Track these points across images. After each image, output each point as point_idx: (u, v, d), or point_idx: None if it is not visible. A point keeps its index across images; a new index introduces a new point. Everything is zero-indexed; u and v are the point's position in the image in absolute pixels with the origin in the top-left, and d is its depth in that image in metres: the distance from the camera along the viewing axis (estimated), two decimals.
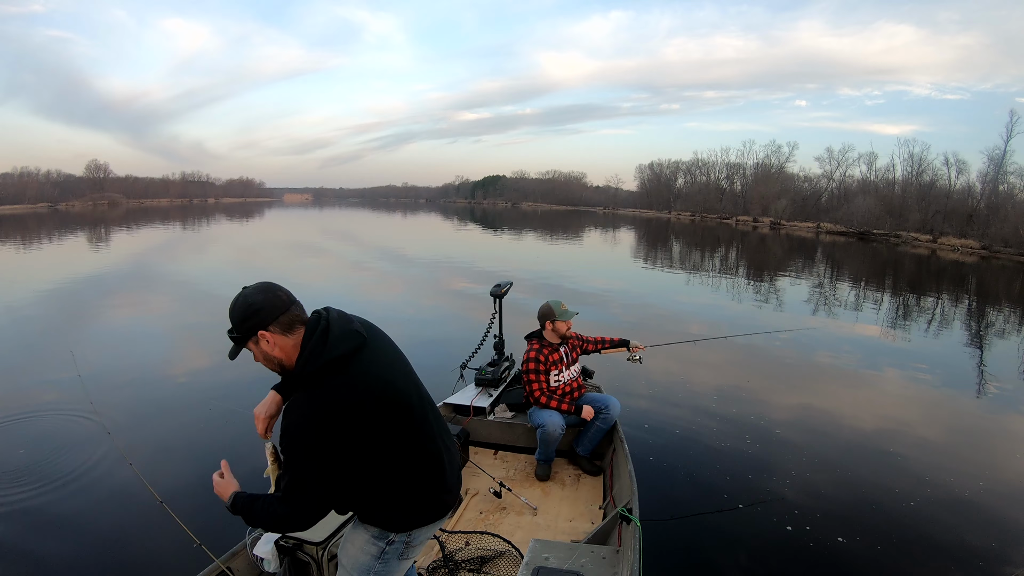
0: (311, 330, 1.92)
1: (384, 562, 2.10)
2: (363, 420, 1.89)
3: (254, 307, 1.90)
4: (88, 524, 4.47)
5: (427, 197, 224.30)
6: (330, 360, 1.88)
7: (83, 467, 5.31)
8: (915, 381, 9.25)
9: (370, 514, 2.09)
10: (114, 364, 8.65)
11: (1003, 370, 10.47)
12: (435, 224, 54.46)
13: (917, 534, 4.53)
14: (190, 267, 20.75)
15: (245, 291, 1.96)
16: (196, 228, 45.08)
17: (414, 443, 2.05)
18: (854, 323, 14.25)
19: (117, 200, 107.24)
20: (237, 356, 2.00)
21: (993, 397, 8.77)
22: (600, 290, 16.93)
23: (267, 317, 1.90)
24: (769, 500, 4.96)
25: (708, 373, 8.68)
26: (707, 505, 4.87)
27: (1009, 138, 56.82)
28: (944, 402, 8.38)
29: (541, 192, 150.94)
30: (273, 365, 1.98)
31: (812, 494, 5.09)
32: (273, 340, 1.91)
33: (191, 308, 13.22)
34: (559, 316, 4.66)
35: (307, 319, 1.97)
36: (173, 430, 6.19)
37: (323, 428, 1.83)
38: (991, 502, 5.13)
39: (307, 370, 1.88)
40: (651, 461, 5.56)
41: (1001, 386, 9.37)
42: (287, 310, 1.93)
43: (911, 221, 58.07)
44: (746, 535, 4.46)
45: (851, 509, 4.87)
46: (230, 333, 1.95)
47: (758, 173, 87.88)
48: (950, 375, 9.85)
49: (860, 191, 70.04)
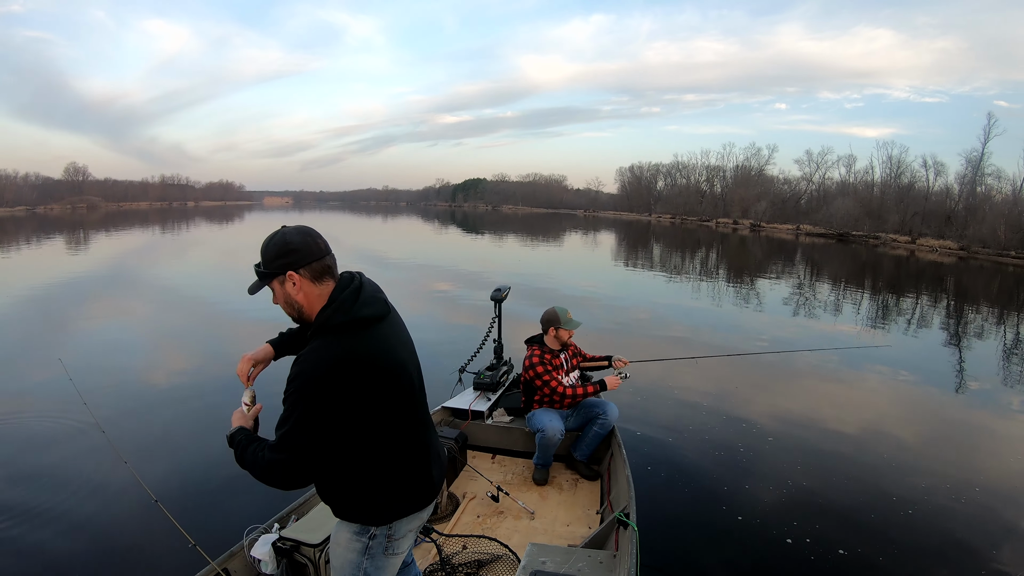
0: (344, 285, 1.95)
1: (370, 558, 2.06)
2: (371, 384, 1.88)
3: (291, 246, 1.89)
4: (83, 522, 4.47)
5: (408, 200, 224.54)
6: (357, 318, 1.89)
7: (77, 466, 5.34)
8: (913, 385, 9.24)
9: (350, 503, 2.04)
10: (104, 365, 8.63)
11: (987, 371, 10.44)
12: (416, 227, 54.20)
13: (917, 539, 4.52)
14: (170, 271, 20.44)
15: (284, 229, 1.94)
16: (176, 232, 44.32)
17: (409, 424, 2.05)
18: (839, 324, 14.23)
19: (96, 203, 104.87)
20: (257, 292, 1.97)
21: (985, 398, 8.74)
22: (581, 292, 16.80)
23: (301, 259, 1.89)
24: (765, 506, 4.93)
25: (704, 380, 8.62)
26: (704, 510, 4.85)
27: (987, 140, 57.95)
28: (935, 403, 8.40)
29: (522, 195, 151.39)
30: (292, 310, 1.97)
31: (808, 500, 5.06)
32: (300, 284, 1.90)
33: (178, 310, 13.29)
34: (563, 324, 4.62)
35: (337, 275, 1.99)
36: (168, 430, 6.27)
37: (335, 377, 1.81)
38: (990, 507, 5.10)
39: (332, 321, 1.87)
40: (648, 466, 5.54)
41: (987, 386, 9.35)
42: (321, 258, 1.93)
43: (890, 222, 58.70)
44: (743, 541, 4.44)
45: (849, 515, 4.82)
46: (257, 268, 1.94)
47: (738, 176, 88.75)
48: (939, 377, 9.82)
49: (839, 193, 70.86)
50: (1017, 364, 11.31)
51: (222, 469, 5.03)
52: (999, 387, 9.48)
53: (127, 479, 4.03)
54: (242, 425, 2.03)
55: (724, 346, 10.82)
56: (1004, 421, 7.77)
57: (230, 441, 1.97)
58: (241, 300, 8.08)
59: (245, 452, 1.92)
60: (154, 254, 27.87)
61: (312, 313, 1.93)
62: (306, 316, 1.95)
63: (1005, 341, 13.87)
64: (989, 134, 57.68)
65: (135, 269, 21.14)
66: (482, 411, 5.13)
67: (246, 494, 4.58)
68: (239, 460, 1.93)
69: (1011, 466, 6.14)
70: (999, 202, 51.91)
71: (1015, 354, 12.29)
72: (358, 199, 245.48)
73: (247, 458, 1.91)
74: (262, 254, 1.92)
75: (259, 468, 1.87)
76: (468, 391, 5.49)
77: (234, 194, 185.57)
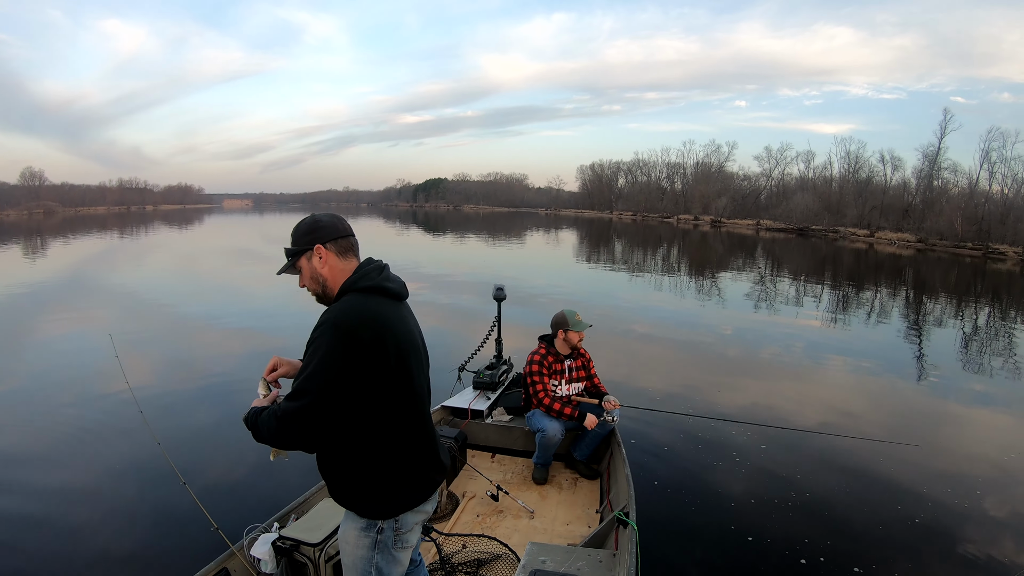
0: (369, 260, 2.09)
1: (381, 552, 2.05)
2: (390, 348, 1.91)
3: (320, 223, 2.05)
4: (111, 497, 4.75)
5: (369, 201, 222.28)
6: (383, 286, 2.01)
7: (113, 443, 5.75)
8: (910, 384, 9.04)
9: (357, 490, 2.02)
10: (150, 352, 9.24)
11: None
12: (378, 228, 52.92)
13: (917, 541, 4.43)
14: (127, 278, 19.14)
15: (314, 214, 2.11)
16: (135, 237, 42.15)
17: (416, 410, 2.06)
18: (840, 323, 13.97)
19: (53, 208, 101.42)
20: (283, 273, 2.10)
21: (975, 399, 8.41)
22: (542, 290, 16.26)
23: (328, 234, 2.03)
24: (764, 505, 4.85)
25: (704, 379, 8.56)
26: (703, 510, 4.78)
27: (943, 135, 58.73)
28: (924, 400, 8.32)
29: (483, 194, 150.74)
30: (316, 285, 2.04)
31: (808, 500, 4.95)
32: (326, 258, 2.02)
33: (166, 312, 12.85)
34: (572, 326, 4.59)
35: (360, 257, 2.11)
36: (202, 419, 6.47)
37: (359, 329, 1.86)
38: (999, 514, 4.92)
39: (359, 284, 1.98)
40: (648, 466, 5.46)
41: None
42: (347, 236, 2.07)
43: (849, 217, 59.80)
44: (742, 540, 4.34)
45: (849, 515, 4.72)
46: (287, 250, 2.06)
47: (698, 172, 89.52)
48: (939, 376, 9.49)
49: (798, 188, 71.88)
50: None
51: (248, 457, 5.29)
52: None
53: (159, 460, 4.05)
54: (256, 405, 2.05)
55: (696, 348, 10.65)
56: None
57: (246, 420, 1.99)
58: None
59: (259, 417, 1.94)
60: (112, 260, 26.36)
61: (336, 287, 2.02)
62: (330, 290, 2.03)
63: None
64: (945, 129, 58.61)
65: (94, 276, 19.78)
66: (482, 410, 5.11)
67: (270, 485, 4.76)
68: (254, 428, 1.95)
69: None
70: (955, 195, 53.15)
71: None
72: (319, 201, 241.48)
73: (262, 421, 1.92)
74: (292, 235, 2.06)
75: (274, 423, 1.88)
76: (468, 390, 5.48)
77: (193, 197, 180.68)
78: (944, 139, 58.43)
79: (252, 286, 16.58)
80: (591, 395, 4.79)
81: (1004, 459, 6.00)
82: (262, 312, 13.11)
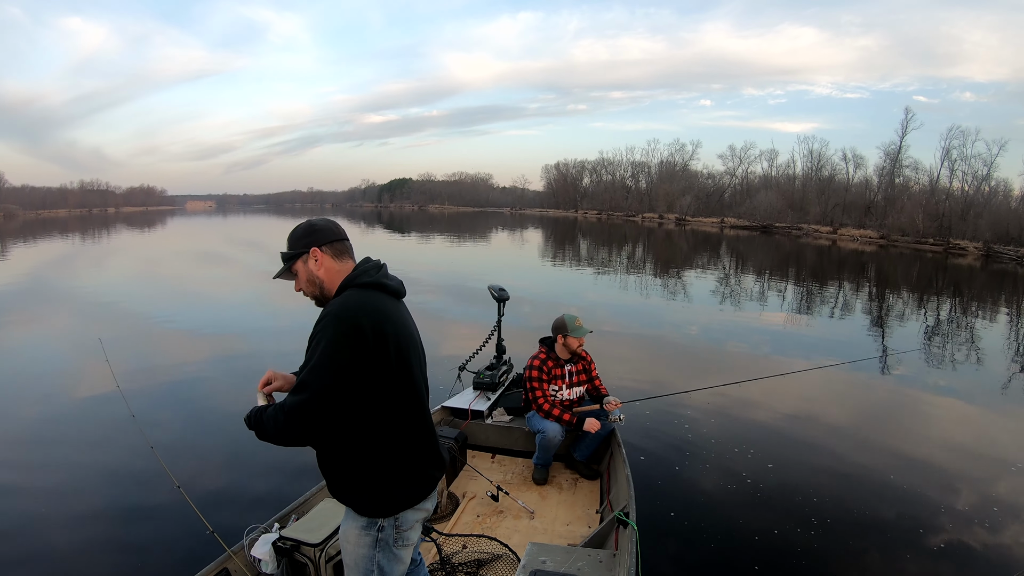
0: (367, 259, 2.13)
1: (382, 550, 2.05)
2: (389, 343, 1.93)
3: (315, 226, 2.09)
4: (105, 501, 4.68)
5: (333, 202, 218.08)
6: (381, 283, 2.04)
7: (105, 448, 5.67)
8: (911, 386, 8.93)
9: (357, 487, 2.02)
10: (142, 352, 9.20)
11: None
12: None
13: (917, 541, 4.38)
14: (94, 282, 18.36)
15: (309, 219, 2.14)
16: (98, 240, 40.43)
17: (415, 407, 2.07)
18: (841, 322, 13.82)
19: (13, 212, 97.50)
20: (279, 277, 2.13)
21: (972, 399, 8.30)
22: (509, 289, 15.37)
23: (323, 237, 2.06)
24: (764, 504, 4.84)
25: (703, 379, 8.22)
26: (704, 509, 4.76)
27: (904, 134, 59.65)
28: (914, 396, 8.24)
29: (448, 194, 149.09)
30: (313, 288, 2.07)
31: (808, 499, 4.92)
32: (322, 260, 2.05)
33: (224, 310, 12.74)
34: (572, 332, 4.54)
35: (355, 259, 2.14)
36: (196, 421, 6.48)
37: (360, 323, 1.87)
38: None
39: (358, 280, 2.01)
40: (648, 466, 5.43)
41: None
42: (341, 240, 2.11)
43: (812, 214, 60.54)
44: (742, 539, 4.33)
45: (848, 515, 4.68)
46: (283, 254, 2.09)
47: (663, 171, 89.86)
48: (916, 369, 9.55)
49: (762, 186, 72.69)
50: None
51: (244, 459, 5.26)
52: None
53: (152, 464, 3.95)
54: (257, 405, 2.06)
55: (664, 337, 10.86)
56: None
57: (247, 419, 1.99)
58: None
59: (264, 413, 1.93)
60: (75, 264, 25.27)
61: (333, 287, 2.04)
62: (328, 291, 2.05)
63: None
64: (907, 128, 59.52)
65: (54, 281, 18.97)
66: (482, 411, 5.11)
67: (266, 487, 4.70)
68: (258, 426, 1.95)
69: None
70: (917, 192, 53.97)
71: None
72: (283, 202, 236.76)
73: (267, 417, 1.91)
74: (288, 240, 2.09)
75: (282, 417, 1.86)
76: (468, 391, 5.48)
77: (156, 199, 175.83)
78: (906, 137, 59.38)
79: (226, 290, 16.20)
80: (592, 398, 4.76)
81: (988, 449, 6.17)
82: (241, 315, 12.92)
